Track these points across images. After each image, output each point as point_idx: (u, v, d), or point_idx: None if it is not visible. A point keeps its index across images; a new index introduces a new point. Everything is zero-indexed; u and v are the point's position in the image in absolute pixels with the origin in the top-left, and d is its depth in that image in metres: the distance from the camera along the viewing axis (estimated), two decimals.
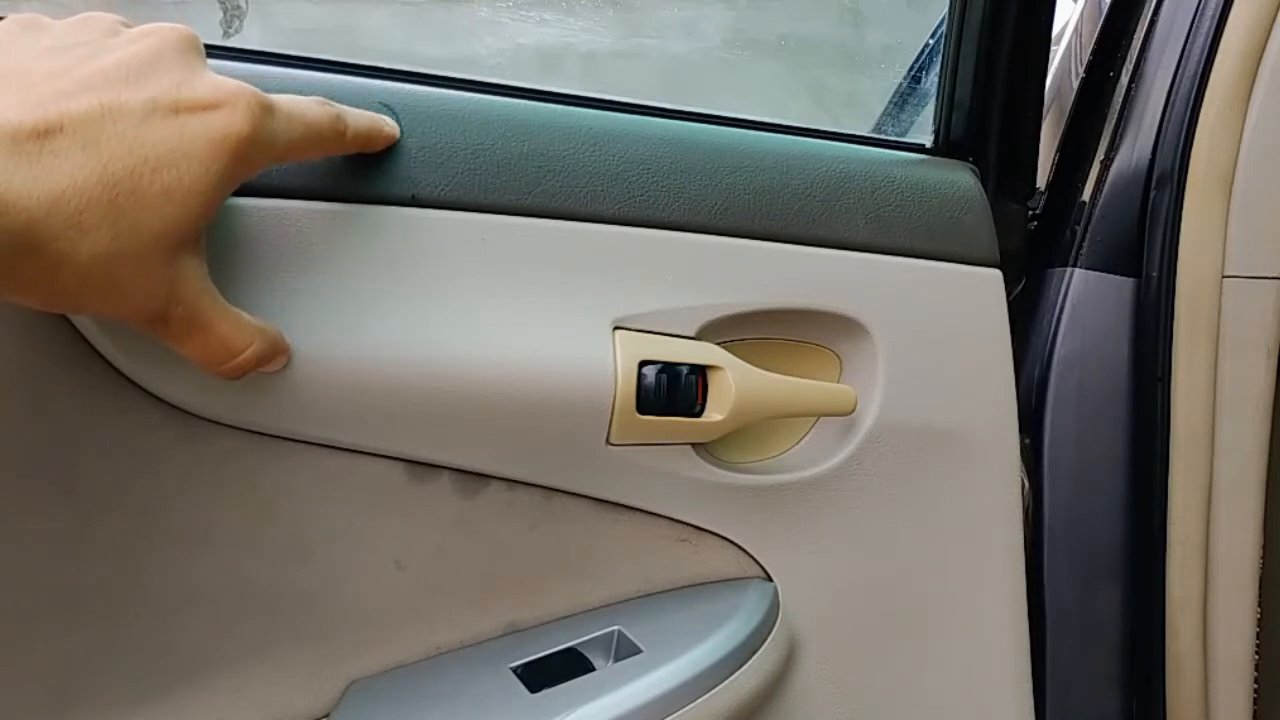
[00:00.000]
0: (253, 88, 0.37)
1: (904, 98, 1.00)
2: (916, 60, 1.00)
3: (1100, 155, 0.67)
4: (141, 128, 0.33)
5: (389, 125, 0.46)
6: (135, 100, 0.34)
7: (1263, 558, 0.67)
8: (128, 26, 0.37)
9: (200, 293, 0.37)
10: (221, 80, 0.36)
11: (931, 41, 0.96)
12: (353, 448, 0.47)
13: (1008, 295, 0.61)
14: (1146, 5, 0.68)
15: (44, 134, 0.32)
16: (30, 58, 0.34)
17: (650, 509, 0.53)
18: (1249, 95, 0.62)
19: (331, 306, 0.45)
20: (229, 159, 0.35)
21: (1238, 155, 0.63)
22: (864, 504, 0.57)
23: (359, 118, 0.44)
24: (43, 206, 0.31)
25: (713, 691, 0.49)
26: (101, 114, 0.33)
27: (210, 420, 0.44)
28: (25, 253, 0.31)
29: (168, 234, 0.34)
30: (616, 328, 0.50)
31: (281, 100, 0.39)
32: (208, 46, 0.39)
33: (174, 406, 0.44)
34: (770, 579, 0.56)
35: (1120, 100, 0.67)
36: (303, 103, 0.40)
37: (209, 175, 0.35)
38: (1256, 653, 0.68)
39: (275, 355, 0.41)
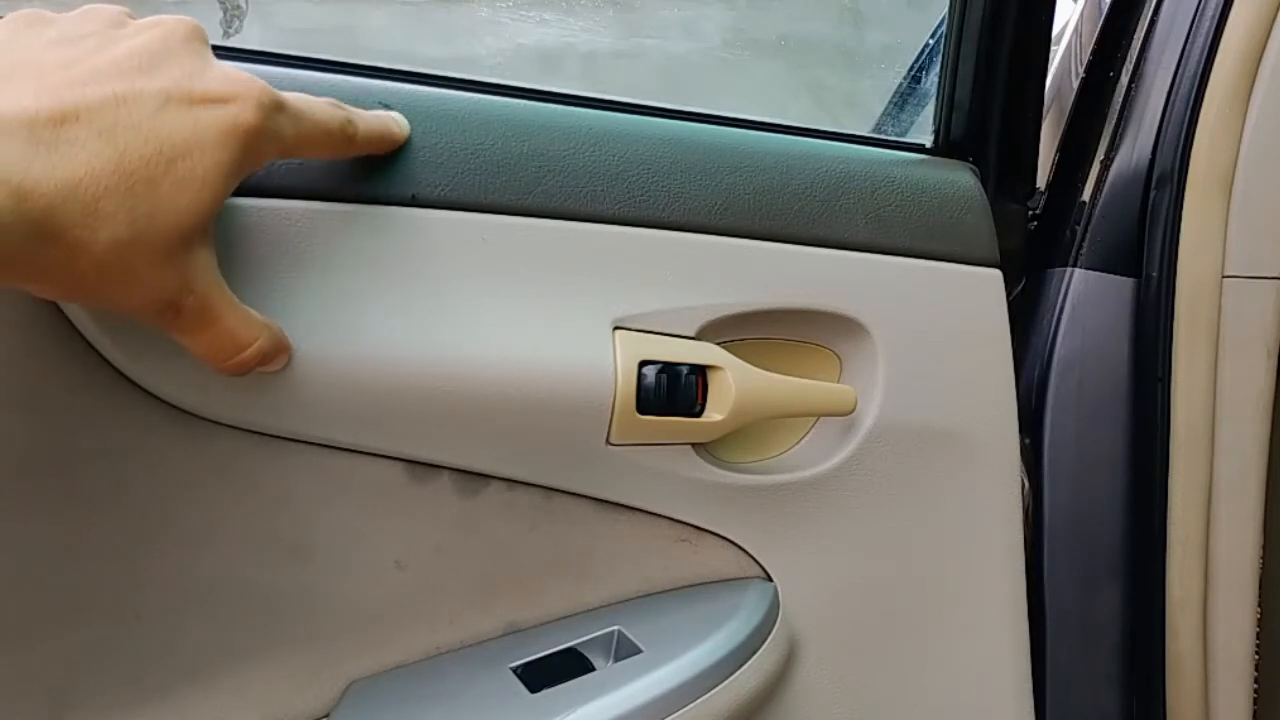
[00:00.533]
0: (263, 81, 0.37)
1: (904, 98, 1.00)
2: (916, 60, 1.00)
3: (1100, 155, 0.67)
4: (156, 118, 0.34)
5: (399, 127, 0.46)
6: (149, 90, 0.34)
7: (1263, 558, 0.67)
8: (132, 17, 0.37)
9: (211, 284, 0.37)
10: (231, 72, 0.37)
11: (931, 41, 0.96)
12: (353, 448, 0.47)
13: (1008, 295, 0.61)
14: (1146, 5, 0.68)
15: (60, 122, 0.32)
16: (39, 50, 0.34)
17: (650, 509, 0.53)
18: (1249, 95, 0.62)
19: (331, 306, 0.45)
20: (238, 149, 0.36)
21: (1238, 155, 0.63)
22: (864, 504, 0.57)
23: (369, 121, 0.44)
24: (60, 193, 0.31)
25: (713, 691, 0.49)
26: (116, 103, 0.33)
27: (210, 420, 0.44)
28: (44, 240, 0.31)
29: (181, 224, 0.35)
30: (616, 328, 0.50)
31: (293, 98, 0.39)
32: None
33: (174, 406, 0.44)
34: (770, 579, 0.56)
35: (1120, 100, 0.67)
36: (315, 103, 0.41)
37: (219, 165, 0.35)
38: (1256, 653, 0.68)
39: (278, 353, 0.41)
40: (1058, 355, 0.66)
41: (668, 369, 0.50)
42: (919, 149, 0.65)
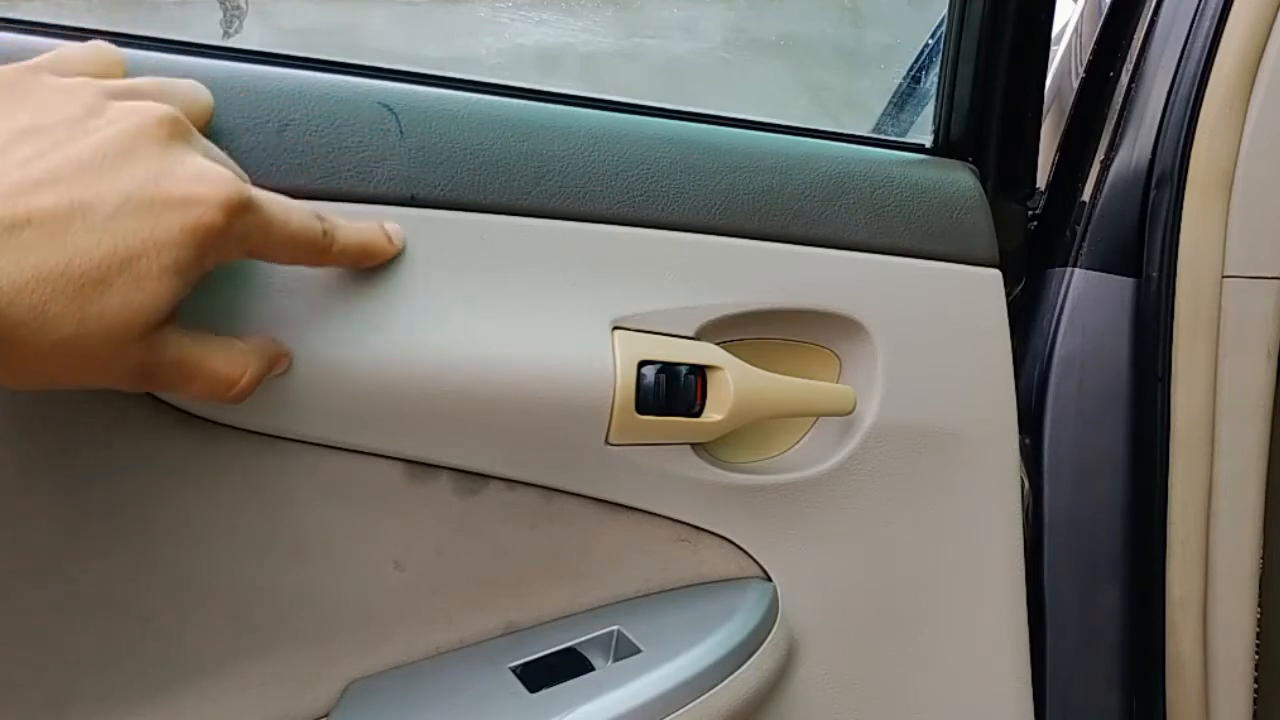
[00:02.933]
0: (237, 180, 0.36)
1: (904, 98, 1.00)
2: (916, 60, 1.00)
3: (1100, 155, 0.67)
4: (113, 220, 0.33)
5: (390, 242, 0.45)
6: (108, 193, 0.33)
7: (1263, 558, 0.67)
8: (116, 95, 0.36)
9: (181, 348, 0.37)
10: (203, 169, 0.36)
11: (931, 41, 0.96)
12: (353, 448, 0.47)
13: (1008, 295, 0.61)
14: (1146, 5, 0.68)
15: (11, 228, 0.31)
16: (5, 138, 0.33)
17: (649, 509, 0.53)
18: (1249, 95, 0.62)
19: (331, 307, 0.45)
20: (198, 248, 0.35)
21: (1238, 155, 0.63)
22: (863, 504, 0.57)
23: (351, 234, 0.43)
24: (5, 296, 0.31)
25: (712, 691, 0.49)
26: (70, 210, 0.32)
27: (210, 421, 0.44)
28: None
29: (135, 320, 0.34)
30: (616, 328, 0.50)
31: (269, 200, 0.38)
32: (207, 47, 0.39)
33: (174, 408, 0.44)
34: (769, 579, 0.56)
35: (1120, 100, 0.67)
36: (293, 209, 0.39)
37: (178, 264, 0.34)
38: (1256, 653, 0.68)
39: (274, 365, 0.42)
40: (1058, 355, 0.66)
41: (667, 369, 0.50)
42: (919, 149, 0.65)
